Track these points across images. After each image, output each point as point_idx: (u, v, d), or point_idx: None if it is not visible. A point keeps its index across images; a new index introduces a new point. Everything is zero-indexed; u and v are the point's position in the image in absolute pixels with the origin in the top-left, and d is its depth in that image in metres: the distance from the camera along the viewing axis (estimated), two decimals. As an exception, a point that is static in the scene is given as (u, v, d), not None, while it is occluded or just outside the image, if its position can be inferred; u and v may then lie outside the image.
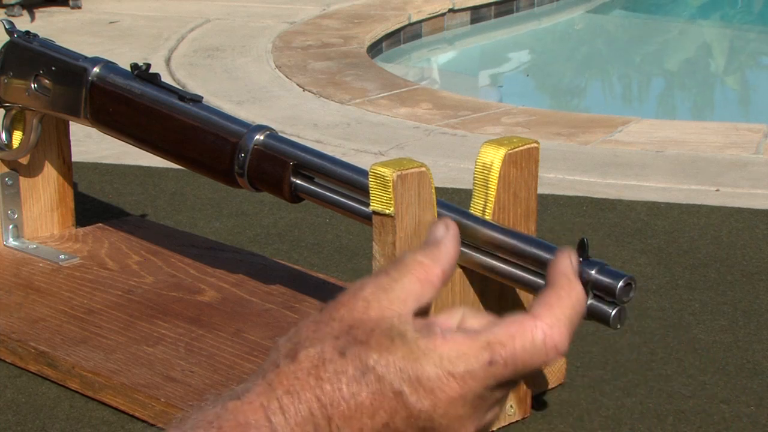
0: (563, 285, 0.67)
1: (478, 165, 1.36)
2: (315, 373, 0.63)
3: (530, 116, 3.16)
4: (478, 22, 5.07)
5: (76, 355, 1.54)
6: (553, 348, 0.64)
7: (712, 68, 5.34)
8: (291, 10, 4.61)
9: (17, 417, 1.48)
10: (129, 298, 1.69)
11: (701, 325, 1.73)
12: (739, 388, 1.54)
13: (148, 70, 1.63)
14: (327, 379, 0.63)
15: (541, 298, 0.66)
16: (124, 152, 2.48)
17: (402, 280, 0.65)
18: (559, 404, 1.50)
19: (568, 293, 0.66)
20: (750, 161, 2.64)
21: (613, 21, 6.05)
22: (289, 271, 1.80)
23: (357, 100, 3.32)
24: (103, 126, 1.67)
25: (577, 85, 5.17)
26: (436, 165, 2.55)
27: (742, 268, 1.94)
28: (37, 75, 1.72)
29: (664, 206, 2.24)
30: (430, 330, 0.64)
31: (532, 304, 0.66)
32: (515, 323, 0.64)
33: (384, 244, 1.29)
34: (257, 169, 1.49)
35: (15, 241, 1.86)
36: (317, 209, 2.14)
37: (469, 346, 0.63)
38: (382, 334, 0.63)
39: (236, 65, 3.74)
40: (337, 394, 0.63)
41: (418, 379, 0.63)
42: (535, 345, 0.64)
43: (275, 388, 0.63)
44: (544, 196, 2.26)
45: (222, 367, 1.50)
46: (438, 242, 0.67)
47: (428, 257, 0.66)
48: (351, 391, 0.63)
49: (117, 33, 4.23)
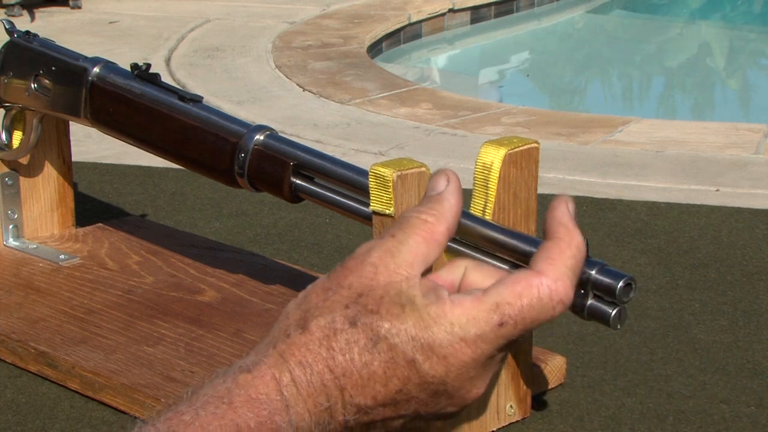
0: (563, 236, 0.67)
1: (478, 165, 1.36)
2: (327, 344, 0.63)
3: (530, 116, 3.16)
4: (478, 22, 5.07)
5: (76, 355, 1.54)
6: (559, 302, 0.64)
7: (712, 68, 5.34)
8: (291, 10, 4.61)
9: (17, 417, 1.49)
10: (129, 298, 1.69)
11: (701, 325, 1.73)
12: (739, 388, 1.54)
13: (148, 70, 1.63)
14: (339, 350, 0.63)
15: (542, 252, 0.66)
16: (124, 152, 2.48)
17: (408, 241, 0.65)
18: (559, 404, 1.50)
19: (568, 244, 0.66)
20: (750, 161, 2.64)
21: (613, 21, 6.05)
22: (289, 271, 1.80)
23: (357, 100, 3.32)
24: (103, 126, 1.66)
25: (577, 85, 5.17)
26: (436, 165, 2.55)
27: (742, 268, 1.94)
28: (37, 75, 1.72)
29: (664, 206, 2.24)
30: (438, 295, 0.64)
31: (535, 258, 0.66)
32: (521, 281, 0.64)
33: (384, 244, 1.29)
34: (257, 169, 1.49)
35: (15, 241, 1.86)
36: (317, 209, 2.14)
37: (478, 309, 0.63)
38: (391, 302, 0.63)
39: (236, 65, 3.74)
40: (350, 364, 0.63)
41: (430, 346, 0.63)
42: (542, 301, 0.64)
43: (287, 360, 0.63)
44: (544, 196, 2.25)
45: (222, 367, 1.50)
46: (440, 197, 0.66)
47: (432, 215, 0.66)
48: (363, 360, 0.63)
49: (117, 33, 4.23)
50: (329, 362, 0.63)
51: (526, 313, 0.64)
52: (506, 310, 0.64)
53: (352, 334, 0.63)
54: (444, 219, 0.67)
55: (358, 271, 0.65)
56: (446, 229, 0.67)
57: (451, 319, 0.63)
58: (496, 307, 0.64)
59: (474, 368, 0.64)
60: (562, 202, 0.69)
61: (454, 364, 0.63)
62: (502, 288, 0.65)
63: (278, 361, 0.64)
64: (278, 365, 0.64)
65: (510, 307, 0.64)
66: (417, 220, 0.66)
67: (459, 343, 0.63)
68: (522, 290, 0.65)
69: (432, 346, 0.63)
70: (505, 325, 0.64)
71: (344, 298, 0.64)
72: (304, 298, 0.66)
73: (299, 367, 0.63)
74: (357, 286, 0.64)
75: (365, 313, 0.63)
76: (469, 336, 0.63)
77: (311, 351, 0.64)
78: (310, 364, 0.63)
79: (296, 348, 0.64)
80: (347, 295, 0.64)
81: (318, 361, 0.63)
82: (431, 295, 0.64)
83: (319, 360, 0.63)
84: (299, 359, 0.64)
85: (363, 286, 0.64)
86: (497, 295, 0.64)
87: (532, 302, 0.64)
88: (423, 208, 0.67)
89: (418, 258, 0.65)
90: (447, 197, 0.68)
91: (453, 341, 0.63)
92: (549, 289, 0.65)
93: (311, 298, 0.66)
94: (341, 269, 0.66)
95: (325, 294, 0.65)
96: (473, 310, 0.64)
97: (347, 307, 0.64)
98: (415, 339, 0.63)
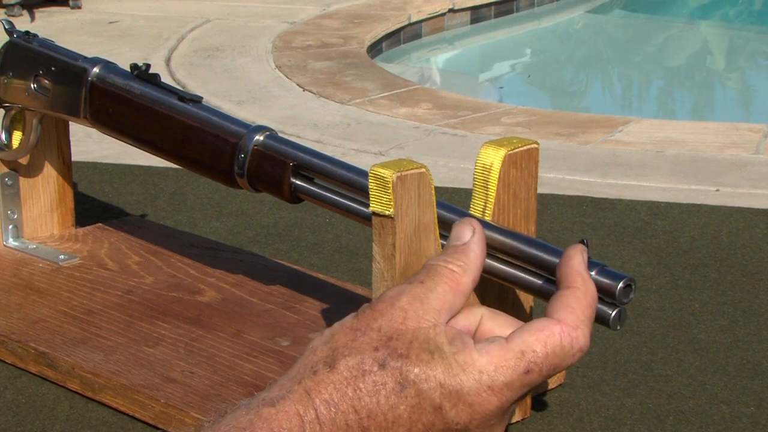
0: (579, 284, 0.67)
1: (478, 166, 1.36)
2: (354, 384, 0.63)
3: (530, 116, 3.16)
4: (478, 22, 5.07)
5: (75, 356, 1.54)
6: (579, 350, 0.65)
7: (712, 68, 5.34)
8: (291, 10, 4.61)
9: (17, 418, 1.49)
10: (129, 298, 1.69)
11: (701, 325, 1.73)
12: (739, 388, 1.54)
13: (148, 70, 1.63)
14: (366, 392, 0.63)
15: (561, 300, 0.66)
16: (124, 152, 2.48)
17: (436, 289, 0.65)
18: (559, 405, 1.50)
19: (584, 293, 0.67)
20: (750, 161, 2.64)
21: (613, 21, 6.05)
22: (289, 271, 1.80)
23: (357, 100, 3.32)
24: (103, 126, 1.66)
25: (577, 85, 5.17)
26: (436, 165, 2.55)
27: (742, 268, 1.94)
28: (37, 75, 1.72)
29: (664, 206, 2.24)
30: (465, 343, 0.64)
31: (553, 306, 0.66)
32: (544, 329, 0.65)
33: (384, 245, 1.29)
34: (257, 169, 1.49)
35: (15, 242, 1.86)
36: (317, 209, 2.14)
37: (505, 358, 0.63)
38: (420, 348, 0.63)
39: (236, 65, 3.74)
40: (376, 406, 0.63)
41: (458, 393, 0.63)
42: (564, 349, 0.64)
43: (313, 397, 0.63)
44: (544, 196, 2.26)
45: (222, 368, 1.50)
46: (466, 248, 0.67)
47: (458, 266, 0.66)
48: (390, 403, 0.63)
49: (117, 33, 4.23)
50: (355, 403, 0.63)
51: (551, 360, 0.65)
52: (532, 358, 0.64)
53: (380, 376, 0.63)
54: (470, 270, 0.68)
55: (387, 315, 0.65)
56: (471, 280, 0.68)
57: (479, 367, 0.64)
58: (522, 355, 0.64)
59: (497, 416, 0.64)
60: (577, 252, 0.70)
61: (479, 411, 0.63)
62: (526, 336, 0.65)
63: (304, 397, 0.64)
64: (303, 401, 0.64)
65: (535, 355, 0.65)
66: (445, 270, 0.67)
67: (486, 391, 0.63)
68: (546, 338, 0.65)
69: (459, 394, 0.63)
70: (531, 372, 0.64)
71: (374, 340, 0.64)
72: (331, 336, 0.66)
73: (325, 405, 0.64)
74: (387, 329, 0.64)
75: (395, 357, 0.64)
76: (496, 384, 0.64)
77: (338, 390, 0.64)
78: (336, 403, 0.63)
79: (323, 386, 0.64)
80: (377, 338, 0.64)
81: (344, 400, 0.63)
82: (458, 342, 0.65)
83: (345, 399, 0.63)
84: (325, 397, 0.64)
85: (392, 330, 0.64)
86: (522, 343, 0.65)
87: (556, 350, 0.65)
88: (450, 258, 0.68)
89: (445, 306, 0.66)
90: (473, 248, 0.69)
91: (480, 389, 0.63)
92: (570, 337, 0.66)
93: (339, 337, 0.66)
94: (370, 311, 0.66)
95: (354, 334, 0.65)
96: (500, 358, 0.64)
97: (377, 350, 0.64)
98: (443, 386, 0.63)
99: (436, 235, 1.32)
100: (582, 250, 0.70)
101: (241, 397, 1.43)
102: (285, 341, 1.57)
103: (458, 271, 0.68)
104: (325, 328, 0.67)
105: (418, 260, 1.32)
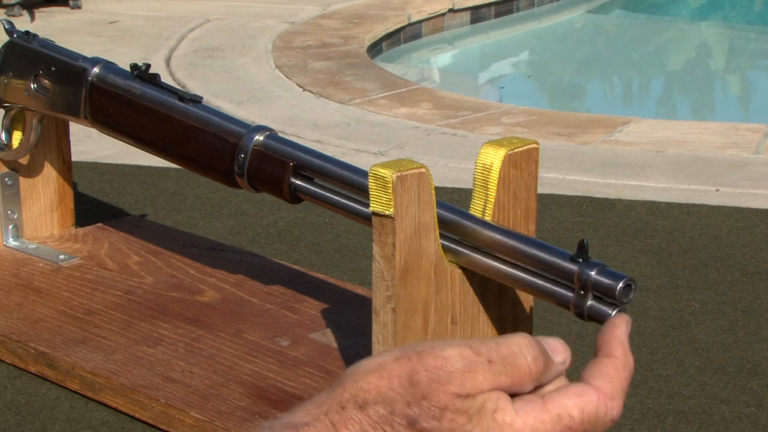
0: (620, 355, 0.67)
1: (478, 166, 1.36)
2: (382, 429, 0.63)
3: (530, 116, 3.16)
4: (478, 22, 5.07)
5: (75, 356, 1.54)
6: (611, 420, 0.65)
7: (712, 68, 5.34)
8: (291, 10, 4.61)
9: (17, 418, 1.48)
10: (129, 298, 1.69)
11: (701, 325, 1.73)
12: (739, 388, 1.54)
13: (148, 70, 1.63)
14: None
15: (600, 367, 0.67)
16: (124, 152, 2.48)
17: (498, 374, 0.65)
18: (559, 404, 1.50)
19: (624, 365, 0.67)
20: (750, 161, 2.64)
21: (613, 21, 6.05)
22: (289, 271, 1.80)
23: (357, 100, 3.32)
24: (103, 126, 1.66)
25: (577, 85, 5.17)
26: (436, 165, 2.55)
27: (742, 268, 1.94)
28: (37, 75, 1.72)
29: (664, 206, 2.24)
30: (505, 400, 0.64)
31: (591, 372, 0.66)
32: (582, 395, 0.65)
33: (384, 245, 1.29)
34: (257, 169, 1.49)
35: (15, 241, 1.86)
36: (317, 209, 2.14)
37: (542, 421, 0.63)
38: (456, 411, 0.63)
39: (236, 65, 3.74)
40: None
41: None
42: (598, 417, 0.65)
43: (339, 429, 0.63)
44: (544, 196, 2.26)
45: (222, 368, 1.50)
46: (550, 365, 0.67)
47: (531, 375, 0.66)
48: None
49: (117, 33, 4.23)
50: None
51: (584, 427, 0.65)
52: (568, 423, 0.65)
53: None
54: (537, 380, 0.67)
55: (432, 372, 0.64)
56: (532, 386, 0.67)
57: (516, 428, 0.64)
58: (558, 419, 0.65)
59: None
60: (623, 321, 0.70)
61: None
62: (565, 399, 0.66)
63: (329, 428, 0.64)
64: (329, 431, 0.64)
65: (572, 420, 0.65)
66: (524, 363, 0.66)
67: None
68: (584, 404, 0.66)
69: None
70: None
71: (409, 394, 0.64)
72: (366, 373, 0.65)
73: None
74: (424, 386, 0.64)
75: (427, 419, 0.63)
76: None
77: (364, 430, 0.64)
78: None
79: (351, 423, 0.64)
80: (412, 393, 0.64)
81: None
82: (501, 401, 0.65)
83: None
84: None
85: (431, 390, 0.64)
86: (560, 406, 0.65)
87: (591, 417, 0.66)
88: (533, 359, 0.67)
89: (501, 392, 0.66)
90: (554, 372, 0.68)
91: None
92: (606, 406, 0.66)
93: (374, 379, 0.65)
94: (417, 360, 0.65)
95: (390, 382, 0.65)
96: (537, 420, 0.64)
97: (409, 405, 0.63)
98: None
99: (436, 235, 1.32)
100: (627, 321, 0.71)
101: (241, 397, 1.43)
102: (285, 341, 1.57)
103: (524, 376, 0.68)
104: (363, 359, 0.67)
105: (418, 260, 1.32)
